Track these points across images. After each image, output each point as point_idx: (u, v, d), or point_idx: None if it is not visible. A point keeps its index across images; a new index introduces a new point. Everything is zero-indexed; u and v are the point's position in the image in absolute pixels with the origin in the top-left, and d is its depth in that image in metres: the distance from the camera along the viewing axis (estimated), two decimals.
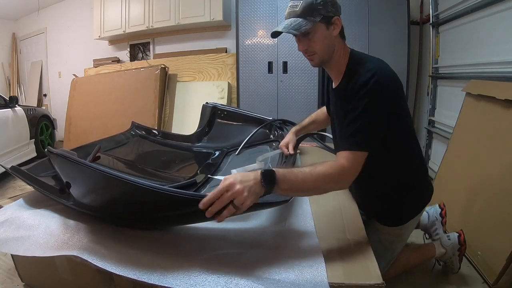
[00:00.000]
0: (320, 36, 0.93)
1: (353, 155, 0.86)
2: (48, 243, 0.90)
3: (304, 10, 0.90)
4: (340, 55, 0.99)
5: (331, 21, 0.93)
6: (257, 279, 0.74)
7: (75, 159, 0.88)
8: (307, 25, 0.90)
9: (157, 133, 2.03)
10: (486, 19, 1.99)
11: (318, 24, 0.91)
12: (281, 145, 1.38)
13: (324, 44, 0.95)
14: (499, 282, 1.27)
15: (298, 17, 0.91)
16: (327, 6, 0.91)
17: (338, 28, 0.95)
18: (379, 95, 0.87)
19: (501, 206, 1.39)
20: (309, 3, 0.90)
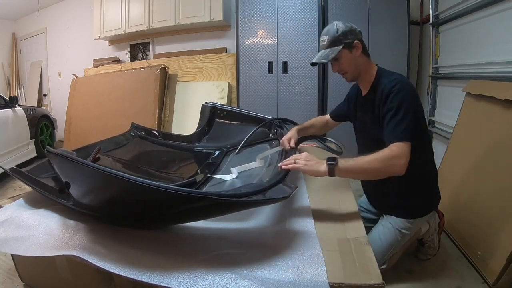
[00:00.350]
0: (346, 59, 1.20)
1: (401, 145, 1.03)
2: (48, 243, 0.90)
3: (329, 42, 1.19)
4: (367, 69, 1.24)
5: (352, 45, 1.18)
6: (257, 279, 0.74)
7: (75, 158, 0.88)
8: (333, 53, 1.18)
9: (157, 134, 2.03)
10: (486, 19, 1.99)
11: (342, 50, 1.18)
12: (282, 140, 1.43)
13: (351, 64, 1.21)
14: (499, 282, 1.27)
15: (326, 49, 1.20)
16: (347, 35, 1.18)
17: (359, 49, 1.20)
18: (405, 96, 1.08)
19: (501, 206, 1.39)
20: (332, 37, 1.18)
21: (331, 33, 1.19)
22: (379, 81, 1.19)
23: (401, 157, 1.01)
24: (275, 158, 1.37)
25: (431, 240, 1.44)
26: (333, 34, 1.18)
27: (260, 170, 1.30)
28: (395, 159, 1.01)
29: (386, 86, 1.12)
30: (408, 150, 1.02)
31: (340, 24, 1.19)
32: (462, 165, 1.79)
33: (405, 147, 1.02)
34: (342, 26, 1.18)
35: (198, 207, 0.82)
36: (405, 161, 1.01)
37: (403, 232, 1.29)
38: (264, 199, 0.88)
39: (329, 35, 1.19)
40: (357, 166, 1.02)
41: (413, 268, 1.44)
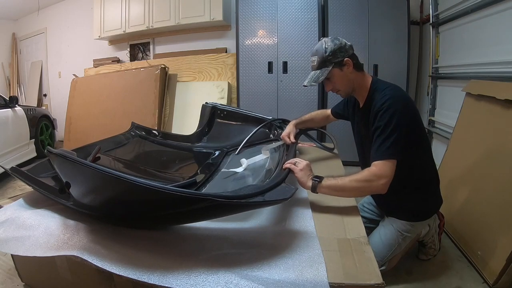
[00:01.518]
0: (338, 78, 1.19)
1: (383, 163, 1.05)
2: (48, 243, 0.90)
3: (319, 63, 1.18)
4: (361, 83, 1.22)
5: (342, 63, 1.17)
6: (257, 279, 0.74)
7: (75, 158, 0.88)
8: (323, 75, 1.17)
9: (157, 134, 2.03)
10: (486, 19, 1.99)
11: (332, 70, 1.17)
12: (282, 135, 1.51)
13: (343, 82, 1.20)
14: (499, 282, 1.27)
15: (316, 70, 1.19)
16: (336, 54, 1.16)
17: (350, 66, 1.18)
18: (394, 112, 1.07)
19: (501, 206, 1.39)
20: (321, 57, 1.16)
21: (320, 54, 1.17)
22: (373, 95, 1.18)
23: (381, 177, 1.04)
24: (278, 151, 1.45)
25: (431, 241, 1.44)
26: (322, 54, 1.16)
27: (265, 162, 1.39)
28: (375, 179, 1.04)
29: (377, 103, 1.12)
30: (390, 169, 1.05)
31: (329, 43, 1.16)
32: (462, 165, 1.79)
33: (388, 166, 1.05)
34: (331, 45, 1.15)
35: (199, 208, 0.82)
36: (386, 181, 1.04)
37: (404, 234, 1.29)
38: (265, 201, 0.88)
39: (318, 56, 1.17)
40: (338, 184, 1.06)
41: (413, 268, 1.44)
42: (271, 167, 1.32)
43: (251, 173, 1.33)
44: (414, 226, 1.29)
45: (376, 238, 1.32)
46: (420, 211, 1.29)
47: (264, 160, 1.40)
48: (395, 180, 1.09)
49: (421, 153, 1.23)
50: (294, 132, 1.51)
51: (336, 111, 1.54)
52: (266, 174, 1.27)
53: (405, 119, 1.08)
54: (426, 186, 1.29)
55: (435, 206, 1.35)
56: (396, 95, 1.12)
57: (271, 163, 1.37)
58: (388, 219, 1.34)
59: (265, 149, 1.46)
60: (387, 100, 1.09)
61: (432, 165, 1.31)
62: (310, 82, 1.19)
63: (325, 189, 1.06)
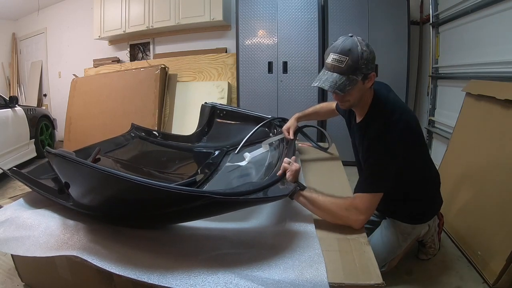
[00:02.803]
0: (357, 91, 1.02)
1: (367, 197, 0.98)
2: (48, 243, 0.91)
3: (349, 68, 0.96)
4: (366, 99, 1.09)
5: (368, 77, 1.01)
6: (257, 279, 0.74)
7: (74, 158, 0.88)
8: (350, 85, 0.97)
9: (157, 134, 2.03)
10: (486, 19, 1.99)
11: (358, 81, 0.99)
12: (283, 128, 1.52)
13: (358, 96, 1.05)
14: (499, 282, 1.27)
15: (343, 75, 0.97)
16: (368, 65, 0.98)
17: (371, 82, 1.03)
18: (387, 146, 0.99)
19: (501, 206, 1.39)
20: (355, 62, 0.95)
21: (354, 57, 0.95)
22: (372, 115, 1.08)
23: (360, 213, 0.95)
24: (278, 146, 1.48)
25: (431, 240, 1.44)
26: (356, 59, 0.95)
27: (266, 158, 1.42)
28: (353, 213, 0.95)
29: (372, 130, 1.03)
30: (372, 204, 0.97)
31: (365, 47, 0.97)
32: (462, 165, 1.79)
33: (371, 200, 0.97)
34: (367, 51, 0.96)
35: (198, 205, 0.82)
36: (364, 218, 0.96)
37: (405, 236, 1.29)
38: (263, 197, 0.88)
39: (351, 59, 0.95)
40: (316, 200, 0.97)
41: (413, 268, 1.44)
42: (271, 164, 1.33)
43: (252, 170, 1.34)
44: (415, 228, 1.29)
45: (377, 240, 1.32)
46: (422, 213, 1.29)
47: (265, 156, 1.42)
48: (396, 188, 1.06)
49: (421, 165, 1.20)
50: (294, 127, 1.51)
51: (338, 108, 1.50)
52: (266, 171, 1.27)
53: (399, 150, 1.00)
54: (428, 190, 1.28)
55: (436, 208, 1.34)
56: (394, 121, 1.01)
57: (272, 159, 1.38)
58: (389, 220, 1.34)
59: (265, 142, 1.50)
60: (385, 129, 0.99)
61: (432, 170, 1.28)
62: (333, 88, 0.97)
63: (302, 198, 0.99)
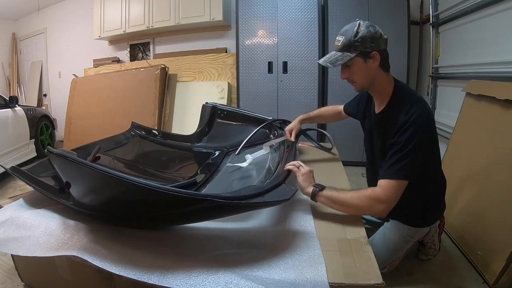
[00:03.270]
0: (358, 69, 1.06)
1: (392, 184, 0.99)
2: (48, 243, 0.90)
3: (343, 45, 1.05)
4: (383, 85, 1.11)
5: (369, 55, 1.04)
6: (257, 279, 0.74)
7: (75, 158, 0.88)
8: (342, 59, 1.04)
9: (157, 134, 2.03)
10: (486, 19, 1.99)
11: (355, 58, 1.04)
12: (286, 129, 1.50)
13: (363, 75, 1.07)
14: (499, 282, 1.27)
15: (338, 51, 1.06)
16: (366, 43, 1.02)
17: (376, 62, 1.05)
18: (417, 134, 0.99)
19: (501, 206, 1.39)
20: (348, 40, 1.03)
21: (348, 35, 1.03)
22: (395, 104, 1.08)
23: (383, 202, 0.98)
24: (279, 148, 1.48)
25: (431, 241, 1.44)
26: (349, 37, 1.03)
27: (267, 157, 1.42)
28: (376, 202, 0.98)
29: (401, 118, 1.03)
30: (397, 191, 0.99)
31: (363, 27, 1.02)
32: (462, 165, 1.79)
33: (395, 188, 0.98)
34: (364, 30, 1.02)
35: (198, 209, 0.82)
36: (388, 206, 0.99)
37: (407, 238, 1.27)
38: (265, 202, 0.88)
39: (346, 37, 1.04)
40: (338, 198, 1.01)
41: (413, 269, 1.44)
42: (272, 167, 1.33)
43: (252, 172, 1.34)
44: (418, 231, 1.28)
45: (379, 242, 1.31)
46: (426, 217, 1.27)
47: (265, 159, 1.42)
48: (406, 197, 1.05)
49: (433, 167, 1.19)
50: (297, 129, 1.49)
51: (347, 109, 1.48)
52: (267, 174, 1.27)
53: (426, 139, 1.02)
54: (435, 195, 1.26)
55: (440, 212, 1.33)
56: (422, 112, 1.02)
57: (272, 163, 1.37)
58: (392, 222, 1.31)
59: (266, 145, 1.49)
60: (413, 115, 1.00)
61: (441, 174, 1.27)
62: (326, 62, 1.07)
63: (324, 198, 1.03)
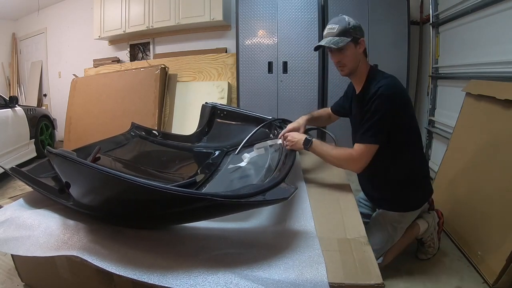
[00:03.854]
0: (350, 53, 1.21)
1: (363, 147, 1.16)
2: (48, 243, 0.91)
3: (340, 31, 1.19)
4: (362, 69, 1.26)
5: (358, 41, 1.21)
6: (257, 279, 0.74)
7: (74, 158, 0.88)
8: (342, 42, 1.18)
9: (157, 134, 2.03)
10: (486, 19, 1.99)
11: (349, 43, 1.19)
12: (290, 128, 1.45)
13: (353, 59, 1.23)
14: (499, 282, 1.27)
15: (335, 36, 1.19)
16: (357, 30, 1.20)
17: (362, 47, 1.23)
18: (385, 101, 1.12)
19: (501, 206, 1.39)
20: (344, 27, 1.18)
21: (342, 24, 1.19)
22: (370, 82, 1.22)
23: (357, 161, 1.17)
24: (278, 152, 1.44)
25: (430, 239, 1.44)
26: (344, 25, 1.18)
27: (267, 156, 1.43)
28: (351, 161, 1.19)
29: (371, 89, 1.17)
30: (369, 153, 1.16)
31: (351, 19, 1.21)
32: (462, 165, 1.79)
33: (368, 150, 1.15)
34: (353, 21, 1.20)
35: (198, 208, 0.82)
36: (362, 164, 1.18)
37: (394, 225, 1.30)
38: (264, 200, 0.88)
39: (340, 25, 1.19)
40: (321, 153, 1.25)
41: (413, 268, 1.44)
42: (272, 166, 1.33)
43: (252, 172, 1.34)
44: (404, 216, 1.31)
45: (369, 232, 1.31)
46: (408, 201, 1.31)
47: (265, 158, 1.42)
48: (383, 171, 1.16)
49: (411, 145, 1.25)
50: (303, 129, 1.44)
51: (336, 108, 1.55)
52: (267, 173, 1.27)
53: (394, 108, 1.13)
54: (415, 177, 1.30)
55: (426, 196, 1.35)
56: (390, 84, 1.15)
57: (272, 161, 1.37)
58: (379, 212, 1.36)
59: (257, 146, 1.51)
60: (381, 87, 1.13)
61: (421, 156, 1.33)
62: (329, 43, 1.18)
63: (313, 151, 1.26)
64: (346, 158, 1.19)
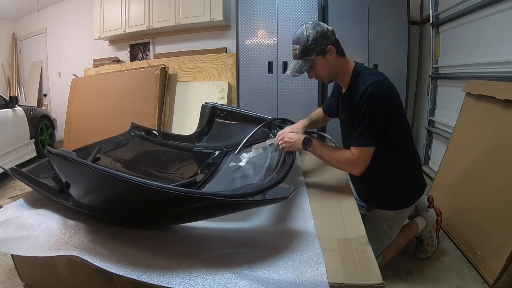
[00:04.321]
0: (321, 66, 1.17)
1: (359, 151, 1.11)
2: (48, 243, 0.91)
3: (301, 52, 1.15)
4: (344, 70, 1.20)
5: (325, 51, 1.14)
6: (257, 279, 0.74)
7: (74, 158, 0.88)
8: (305, 65, 1.15)
9: (157, 134, 2.03)
10: (486, 19, 1.99)
11: (315, 58, 1.15)
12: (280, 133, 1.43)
13: (327, 69, 1.19)
14: (499, 282, 1.27)
15: (299, 59, 1.16)
16: (319, 42, 1.12)
17: (333, 53, 1.16)
18: (374, 102, 1.07)
19: (501, 206, 1.39)
20: (304, 47, 1.13)
21: (301, 42, 1.13)
22: (356, 81, 1.16)
23: (356, 164, 1.13)
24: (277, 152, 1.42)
25: (429, 237, 1.44)
26: (304, 43, 1.13)
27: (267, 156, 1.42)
28: (351, 164, 1.15)
29: (360, 89, 1.11)
30: (367, 156, 1.12)
31: (310, 29, 1.12)
32: (462, 165, 1.79)
33: (365, 152, 1.11)
34: (313, 32, 1.12)
35: (198, 207, 0.82)
36: (361, 167, 1.14)
37: (389, 223, 1.29)
38: (264, 200, 0.88)
39: (300, 44, 1.14)
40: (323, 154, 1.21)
41: (413, 269, 1.44)
42: (272, 165, 1.33)
43: (252, 171, 1.34)
44: (399, 213, 1.29)
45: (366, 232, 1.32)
46: (402, 199, 1.29)
47: (265, 157, 1.42)
48: (374, 171, 1.14)
49: (402, 141, 1.22)
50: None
51: (327, 111, 1.50)
52: (266, 172, 1.27)
53: (385, 107, 1.10)
54: (408, 173, 1.27)
55: (418, 192, 1.32)
56: (378, 81, 1.10)
57: (272, 161, 1.37)
58: (374, 211, 1.35)
59: (256, 147, 1.50)
60: (369, 86, 1.08)
61: (412, 152, 1.29)
62: (293, 72, 1.16)
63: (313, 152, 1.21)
64: (345, 162, 1.15)
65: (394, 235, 1.33)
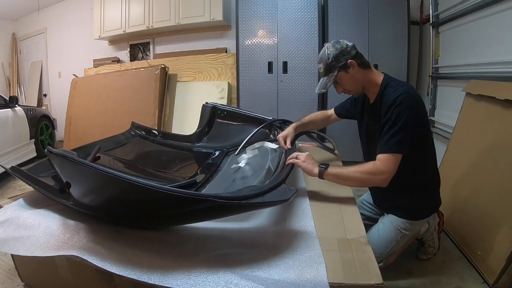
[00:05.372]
0: (345, 81, 1.22)
1: (389, 157, 1.09)
2: (48, 243, 0.90)
3: (325, 70, 1.22)
4: (371, 80, 1.23)
5: (347, 65, 1.19)
6: (257, 279, 0.74)
7: (75, 158, 0.88)
8: (329, 81, 1.21)
9: (157, 133, 2.03)
10: (486, 19, 1.99)
11: (338, 74, 1.20)
12: (279, 136, 1.49)
13: (351, 83, 1.23)
14: (499, 282, 1.27)
15: (324, 76, 1.23)
16: (339, 59, 1.18)
17: (355, 67, 1.20)
18: (406, 110, 1.09)
19: (501, 206, 1.39)
20: (326, 65, 1.20)
21: (324, 61, 1.20)
22: (385, 90, 1.19)
23: (383, 173, 1.09)
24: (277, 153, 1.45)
25: (430, 239, 1.44)
26: (325, 61, 1.20)
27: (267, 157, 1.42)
28: (376, 174, 1.10)
29: (390, 97, 1.13)
30: (394, 164, 1.09)
31: (331, 48, 1.19)
32: (462, 165, 1.79)
33: (392, 160, 1.09)
34: (333, 50, 1.19)
35: (199, 209, 0.82)
36: (388, 176, 1.10)
37: (402, 232, 1.29)
38: (264, 202, 0.88)
39: (323, 63, 1.21)
40: (343, 174, 1.13)
41: (413, 268, 1.44)
42: (272, 167, 1.33)
43: (252, 173, 1.34)
44: (413, 224, 1.29)
45: (374, 235, 1.32)
46: (420, 210, 1.29)
47: (265, 159, 1.42)
48: (397, 178, 1.11)
49: (425, 152, 1.24)
50: (291, 136, 1.47)
51: (340, 111, 1.53)
52: (267, 174, 1.27)
53: (415, 116, 1.11)
54: (427, 186, 1.29)
55: (435, 206, 1.35)
56: (409, 91, 1.13)
57: (272, 163, 1.37)
58: (387, 216, 1.34)
59: (250, 148, 1.51)
60: (401, 95, 1.10)
61: (434, 165, 1.32)
62: (320, 89, 1.23)
63: (331, 176, 1.13)
64: (371, 171, 1.10)
65: (401, 244, 1.32)
